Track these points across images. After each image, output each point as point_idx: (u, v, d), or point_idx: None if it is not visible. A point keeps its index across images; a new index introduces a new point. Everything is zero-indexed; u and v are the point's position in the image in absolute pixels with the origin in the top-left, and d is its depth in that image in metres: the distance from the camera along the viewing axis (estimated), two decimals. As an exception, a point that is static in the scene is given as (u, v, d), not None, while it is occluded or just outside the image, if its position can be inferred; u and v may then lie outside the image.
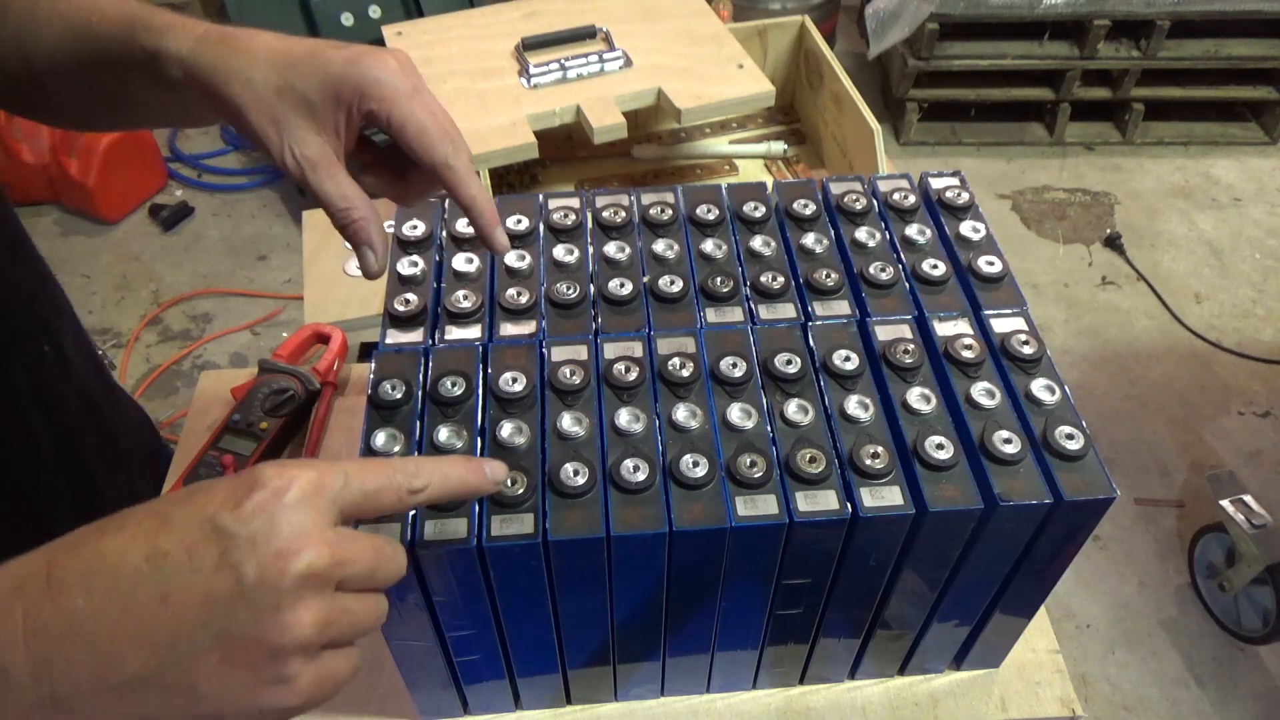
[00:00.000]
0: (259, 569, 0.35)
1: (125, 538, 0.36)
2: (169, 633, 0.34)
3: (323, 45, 0.50)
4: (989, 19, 2.45)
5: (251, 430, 0.82)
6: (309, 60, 0.49)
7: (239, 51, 0.50)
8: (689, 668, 0.64)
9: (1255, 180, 2.61)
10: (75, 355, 0.73)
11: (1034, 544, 0.55)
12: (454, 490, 0.44)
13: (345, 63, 0.48)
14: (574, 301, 0.59)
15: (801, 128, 1.33)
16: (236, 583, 0.34)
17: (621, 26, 1.15)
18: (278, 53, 0.49)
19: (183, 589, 0.34)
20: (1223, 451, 1.99)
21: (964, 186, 0.67)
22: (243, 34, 0.51)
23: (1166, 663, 1.67)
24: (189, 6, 2.80)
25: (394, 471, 0.40)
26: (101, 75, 0.56)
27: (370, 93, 0.48)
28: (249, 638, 0.35)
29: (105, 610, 0.34)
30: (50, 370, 0.69)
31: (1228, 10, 2.42)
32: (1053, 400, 0.55)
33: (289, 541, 0.35)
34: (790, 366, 0.56)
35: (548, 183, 1.26)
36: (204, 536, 0.35)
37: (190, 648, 0.34)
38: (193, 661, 0.34)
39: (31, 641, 0.33)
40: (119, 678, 0.34)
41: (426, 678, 0.61)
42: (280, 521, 0.36)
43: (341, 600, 0.38)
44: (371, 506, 0.40)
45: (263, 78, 0.49)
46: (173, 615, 0.34)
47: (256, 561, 0.35)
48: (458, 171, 0.50)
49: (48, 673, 0.33)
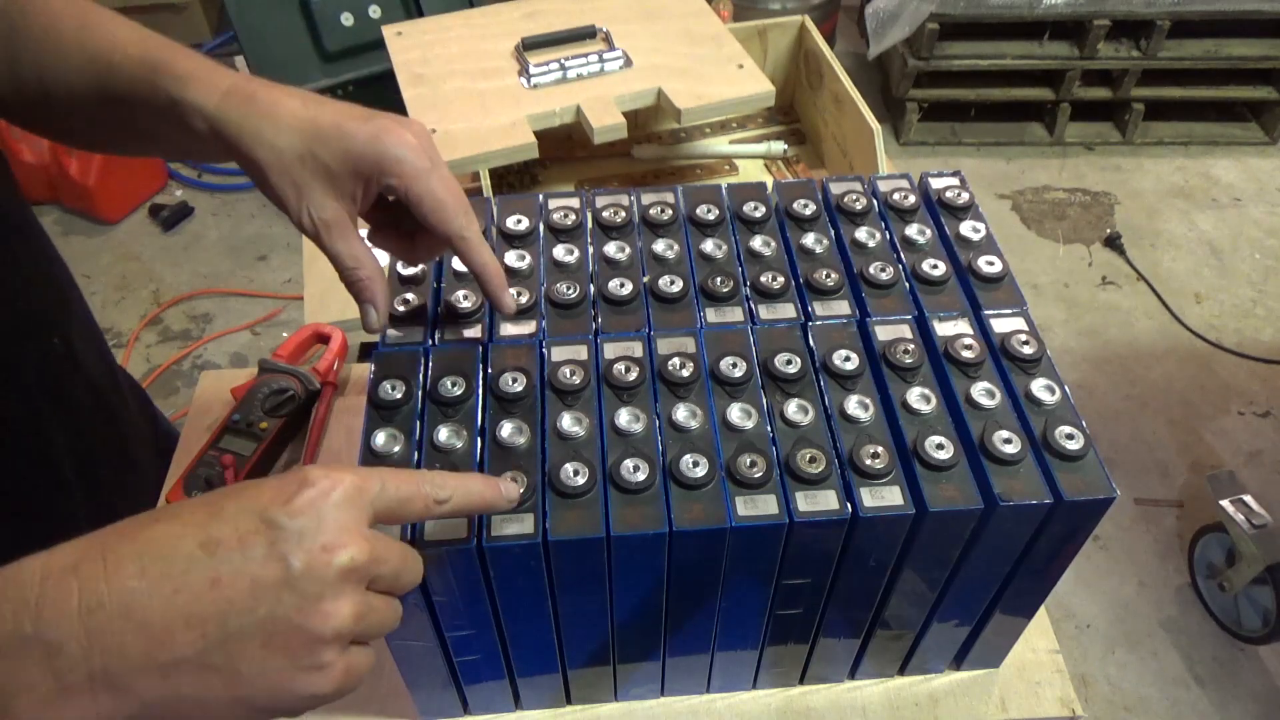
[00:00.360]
0: (306, 560, 0.37)
1: (179, 526, 0.38)
2: (218, 615, 0.36)
3: (346, 115, 0.52)
4: (989, 19, 2.45)
5: (251, 430, 0.82)
6: (333, 132, 0.51)
7: (265, 115, 0.52)
8: (689, 668, 0.64)
9: (1255, 180, 2.61)
10: (84, 349, 0.74)
11: (1034, 544, 0.55)
12: (474, 504, 0.46)
13: (368, 139, 0.51)
14: (574, 301, 0.59)
15: (801, 128, 1.33)
16: (284, 571, 0.37)
17: (621, 26, 1.15)
18: (304, 120, 0.51)
19: (233, 575, 0.36)
20: (1223, 451, 1.99)
21: (964, 186, 0.67)
22: (267, 94, 0.53)
23: (1166, 663, 1.67)
24: (189, 8, 2.80)
25: (423, 482, 0.43)
26: (121, 111, 0.57)
27: (390, 169, 0.51)
28: (292, 624, 0.37)
29: (158, 591, 0.36)
30: (59, 363, 0.70)
31: (1228, 10, 2.42)
32: (1053, 400, 0.55)
33: (334, 537, 0.38)
34: (790, 366, 0.56)
35: (548, 183, 1.26)
36: (255, 528, 0.37)
37: (237, 630, 0.36)
38: (238, 644, 0.36)
39: (86, 618, 0.35)
40: (167, 657, 0.35)
41: (426, 678, 0.61)
42: (327, 518, 0.38)
43: (372, 598, 0.41)
44: (402, 512, 0.43)
45: (287, 144, 0.51)
46: (222, 599, 0.36)
47: (304, 553, 0.37)
48: (471, 242, 0.53)
49: (100, 649, 0.35)
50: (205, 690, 0.37)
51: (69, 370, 0.71)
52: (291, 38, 2.24)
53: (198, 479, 0.79)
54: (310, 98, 0.53)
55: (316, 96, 0.54)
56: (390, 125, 0.51)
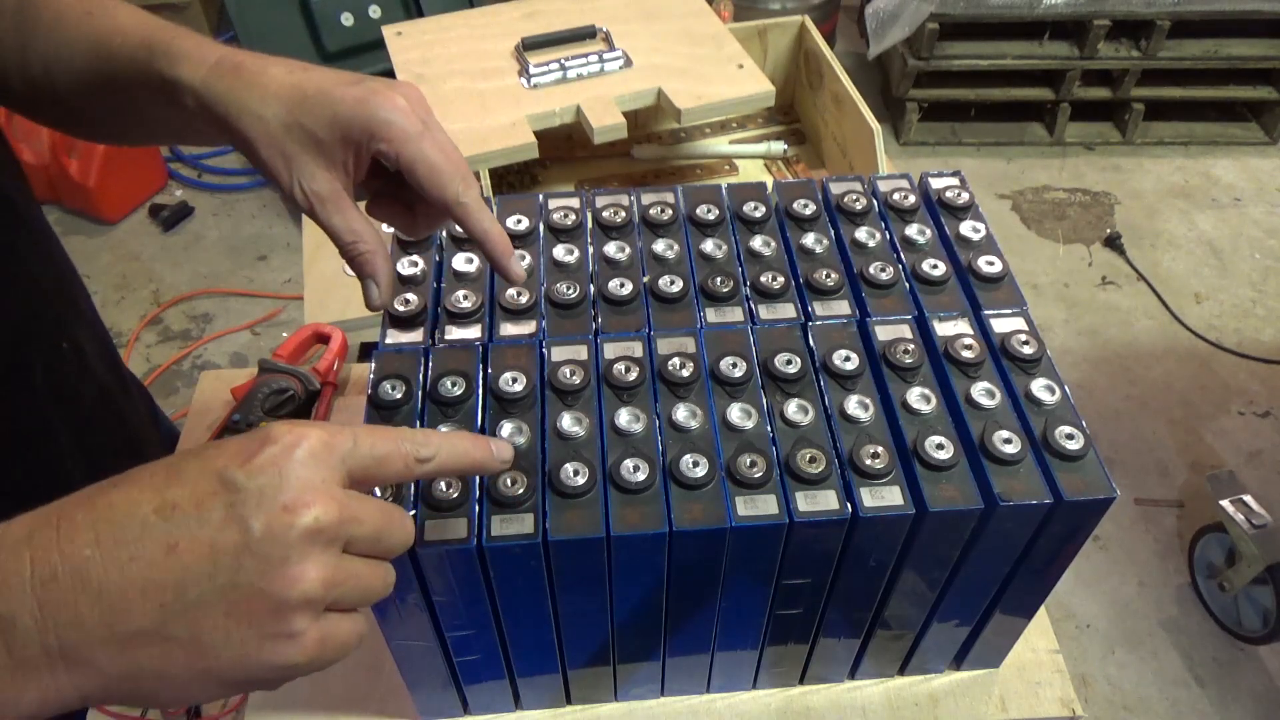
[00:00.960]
0: (266, 522, 0.35)
1: (135, 490, 0.36)
2: (175, 583, 0.34)
3: (333, 81, 0.50)
4: (989, 19, 2.45)
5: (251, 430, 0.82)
6: (319, 98, 0.49)
7: (250, 85, 0.50)
8: (689, 668, 0.64)
9: (1255, 180, 2.61)
10: (93, 351, 0.74)
11: (1034, 544, 0.55)
12: (460, 464, 0.44)
13: (355, 103, 0.49)
14: (574, 301, 0.59)
15: (801, 128, 1.33)
16: (243, 535, 0.35)
17: (621, 26, 1.15)
18: (289, 88, 0.50)
19: (190, 540, 0.34)
20: (1223, 451, 1.99)
21: (964, 186, 0.67)
22: (254, 64, 0.51)
23: (1166, 663, 1.67)
24: (190, 6, 2.80)
25: (403, 439, 0.41)
26: (120, 95, 0.56)
27: (379, 133, 0.49)
28: (254, 590, 0.35)
29: (113, 559, 0.34)
30: (69, 367, 0.70)
31: (1228, 10, 2.42)
32: (1053, 400, 0.55)
33: (297, 495, 0.36)
34: (790, 366, 0.56)
35: (548, 183, 1.26)
36: (213, 489, 0.35)
37: (196, 599, 0.34)
38: (198, 612, 0.34)
39: (40, 590, 0.33)
40: (125, 628, 0.34)
41: (426, 678, 0.61)
42: (289, 476, 0.36)
43: (349, 562, 0.38)
44: (379, 471, 0.40)
45: (273, 113, 0.49)
46: (180, 566, 0.34)
47: (264, 514, 0.35)
48: (469, 208, 0.50)
49: (54, 621, 0.33)
50: (167, 663, 0.35)
51: (77, 373, 0.71)
52: (291, 38, 2.24)
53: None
54: (297, 65, 0.51)
55: (305, 64, 0.52)
56: (378, 88, 0.49)
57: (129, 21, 0.57)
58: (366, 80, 0.50)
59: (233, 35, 2.36)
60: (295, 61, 0.52)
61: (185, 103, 0.52)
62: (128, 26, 0.57)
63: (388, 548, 0.40)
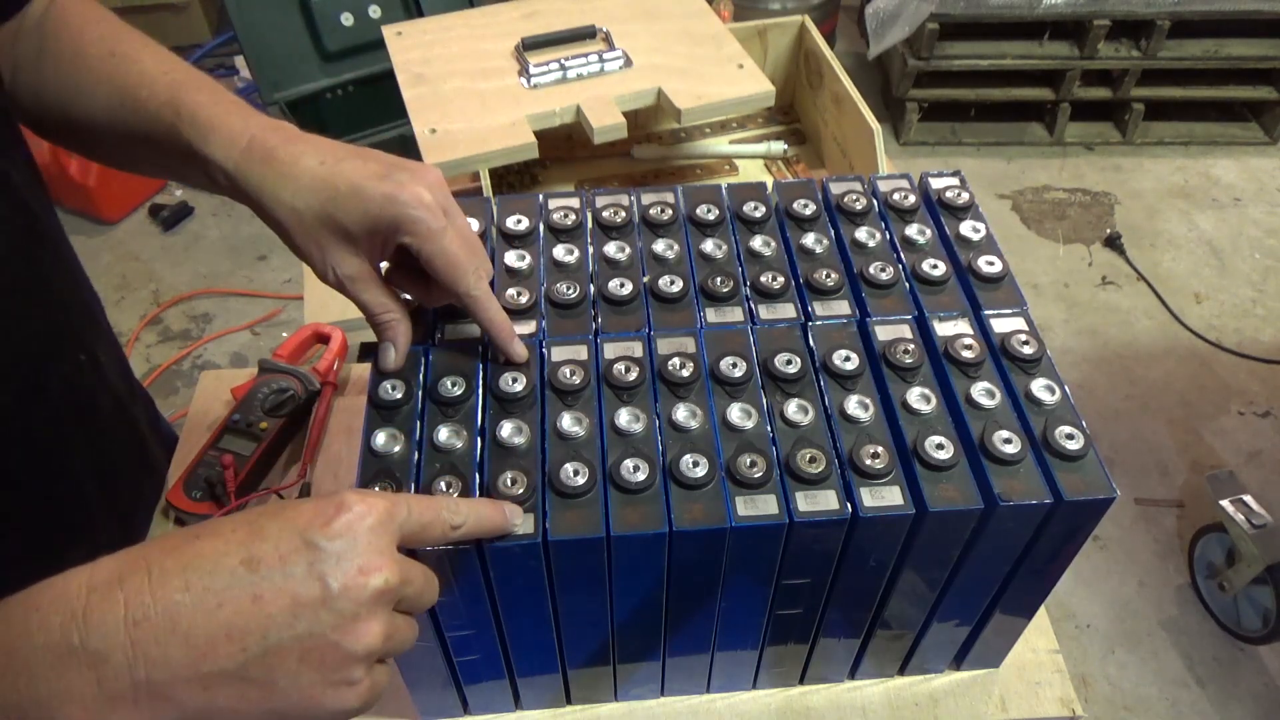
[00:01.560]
0: (344, 581, 0.39)
1: (221, 543, 0.39)
2: (259, 629, 0.37)
3: (363, 175, 0.53)
4: (989, 19, 2.45)
5: (251, 430, 0.82)
6: (351, 195, 0.53)
7: (284, 176, 0.54)
8: (689, 668, 0.64)
9: (1255, 180, 2.61)
10: (108, 361, 0.74)
11: (1034, 544, 0.55)
12: (485, 529, 0.48)
13: (384, 200, 0.52)
14: (574, 301, 0.59)
15: (801, 128, 1.33)
16: (323, 591, 0.38)
17: (621, 26, 1.15)
18: (321, 181, 0.53)
19: (274, 592, 0.38)
20: (1223, 451, 1.99)
21: (964, 186, 0.67)
22: (287, 153, 0.54)
23: (1166, 663, 1.67)
24: (189, 8, 2.80)
25: (442, 509, 0.45)
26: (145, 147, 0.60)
27: (406, 229, 0.52)
28: (328, 641, 0.38)
29: (202, 605, 0.37)
30: (86, 379, 0.70)
31: (1228, 10, 2.42)
32: (1053, 400, 0.55)
33: (369, 560, 0.40)
34: (790, 366, 0.56)
35: (548, 183, 1.26)
36: (295, 548, 0.39)
37: (276, 644, 0.38)
38: (276, 658, 0.38)
39: (132, 630, 0.36)
40: (210, 668, 0.37)
41: (426, 678, 0.61)
42: (361, 542, 0.40)
43: (398, 619, 0.43)
44: (424, 537, 0.45)
45: (305, 205, 0.53)
46: (264, 614, 0.38)
47: (341, 574, 0.39)
48: (479, 300, 0.54)
49: (144, 659, 0.36)
50: (242, 701, 0.38)
51: (93, 384, 0.71)
52: (291, 38, 2.24)
53: (198, 479, 0.78)
54: (329, 152, 0.55)
55: (335, 150, 0.55)
56: (406, 182, 0.52)
57: (154, 69, 0.59)
58: (394, 173, 0.53)
59: (233, 35, 2.36)
60: (325, 146, 0.55)
61: (216, 179, 0.56)
62: (153, 76, 0.59)
63: (423, 605, 0.45)
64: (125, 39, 0.63)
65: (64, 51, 0.61)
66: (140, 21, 3.23)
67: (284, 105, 2.26)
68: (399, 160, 0.55)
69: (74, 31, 0.62)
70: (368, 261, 0.55)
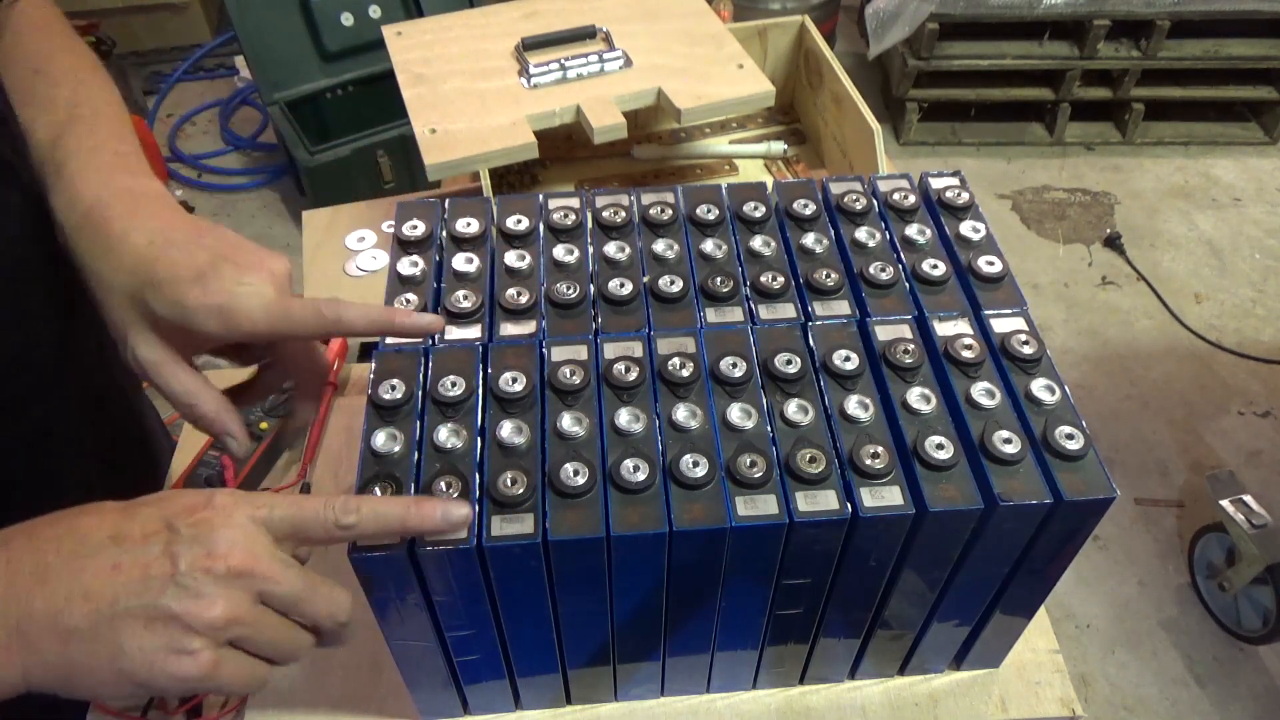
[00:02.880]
0: (191, 561, 0.43)
1: (98, 519, 0.44)
2: (111, 594, 0.42)
3: (188, 271, 0.51)
4: (989, 19, 2.45)
5: (251, 430, 0.82)
6: (168, 288, 0.51)
7: (107, 251, 0.53)
8: (689, 668, 0.64)
9: (1255, 180, 2.61)
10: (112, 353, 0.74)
11: (1034, 544, 0.55)
12: (385, 528, 0.47)
13: (208, 314, 0.51)
14: (574, 301, 0.59)
15: (801, 128, 1.33)
16: (172, 567, 0.42)
17: (621, 26, 1.15)
18: (143, 264, 0.52)
19: (131, 563, 0.42)
20: (1223, 451, 1.99)
21: (964, 186, 0.67)
22: (119, 226, 0.53)
23: (1166, 663, 1.67)
24: (189, 7, 2.80)
25: (327, 506, 0.47)
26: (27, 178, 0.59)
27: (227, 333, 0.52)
28: (170, 612, 0.42)
29: (68, 567, 0.42)
30: (97, 370, 0.70)
31: (1228, 10, 2.42)
32: (1053, 400, 0.55)
33: (220, 547, 0.43)
34: (790, 366, 0.56)
35: (548, 183, 1.26)
36: (157, 530, 0.43)
37: (124, 610, 0.42)
38: (124, 621, 0.42)
39: (10, 583, 0.41)
40: (66, 623, 0.41)
41: (426, 678, 0.61)
42: (219, 533, 0.44)
43: (263, 613, 0.45)
44: (304, 534, 0.47)
45: (120, 284, 0.53)
46: (117, 582, 0.42)
47: (192, 556, 0.43)
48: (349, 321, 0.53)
49: (16, 609, 0.41)
50: (92, 658, 0.42)
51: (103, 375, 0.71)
52: (291, 38, 2.24)
53: (198, 479, 0.78)
54: (162, 232, 0.53)
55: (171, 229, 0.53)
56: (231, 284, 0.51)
57: (65, 98, 0.59)
58: (223, 272, 0.51)
59: (233, 35, 2.36)
60: (166, 222, 0.54)
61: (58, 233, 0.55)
62: (57, 107, 0.58)
63: (307, 613, 0.47)
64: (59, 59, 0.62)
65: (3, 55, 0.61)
66: (140, 21, 3.21)
67: (284, 105, 2.26)
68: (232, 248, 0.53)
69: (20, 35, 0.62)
70: (174, 348, 0.54)
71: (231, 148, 2.70)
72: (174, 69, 2.79)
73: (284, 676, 0.68)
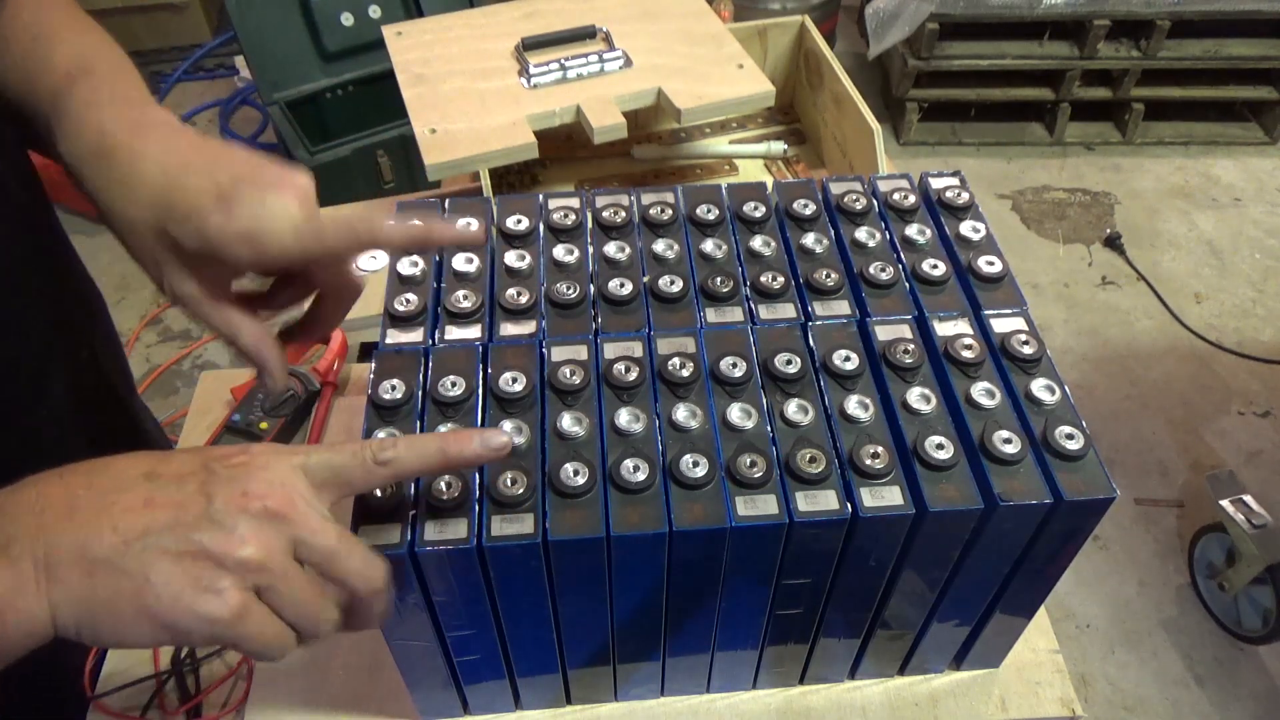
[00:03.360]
0: (226, 500, 0.42)
1: (133, 461, 0.44)
2: (142, 527, 0.41)
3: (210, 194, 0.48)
4: (989, 19, 2.45)
5: (251, 430, 0.82)
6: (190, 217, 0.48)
7: (119, 182, 0.50)
8: (689, 668, 0.64)
9: (1255, 180, 2.61)
10: (105, 356, 0.74)
11: (1034, 544, 0.55)
12: (429, 459, 0.46)
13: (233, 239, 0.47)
14: (574, 301, 0.59)
15: (801, 128, 1.33)
16: (206, 505, 0.41)
17: (621, 26, 1.15)
18: (159, 193, 0.49)
19: (163, 499, 0.42)
20: (1223, 451, 1.99)
21: (964, 186, 0.67)
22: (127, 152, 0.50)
23: (1166, 663, 1.67)
24: (189, 7, 2.80)
25: (363, 447, 0.45)
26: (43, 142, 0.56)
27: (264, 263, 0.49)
28: (201, 547, 0.41)
29: (98, 501, 0.41)
30: (86, 374, 0.69)
31: (1228, 10, 2.42)
32: (1053, 400, 0.55)
33: (257, 487, 0.42)
34: (790, 366, 0.56)
35: (548, 183, 1.26)
36: (193, 470, 0.43)
37: (154, 543, 0.41)
38: (152, 554, 0.40)
39: (37, 517, 0.41)
40: (93, 554, 0.40)
41: (426, 678, 0.61)
42: (255, 474, 0.43)
43: (291, 565, 0.43)
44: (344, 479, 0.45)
45: (141, 220, 0.50)
46: (149, 516, 0.41)
47: (226, 494, 0.42)
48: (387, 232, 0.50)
49: (43, 541, 0.40)
50: (117, 593, 0.40)
51: (94, 380, 0.71)
52: (291, 38, 2.24)
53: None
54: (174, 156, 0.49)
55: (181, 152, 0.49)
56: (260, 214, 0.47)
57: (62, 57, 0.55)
58: (244, 195, 0.48)
59: (233, 35, 2.36)
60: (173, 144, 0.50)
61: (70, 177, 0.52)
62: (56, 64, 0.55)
63: (342, 573, 0.44)
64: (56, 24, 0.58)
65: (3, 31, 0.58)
66: (140, 21, 3.21)
67: (284, 105, 2.26)
68: (251, 168, 0.49)
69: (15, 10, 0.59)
70: (210, 279, 0.51)
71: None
72: (174, 69, 2.79)
73: (284, 676, 0.68)
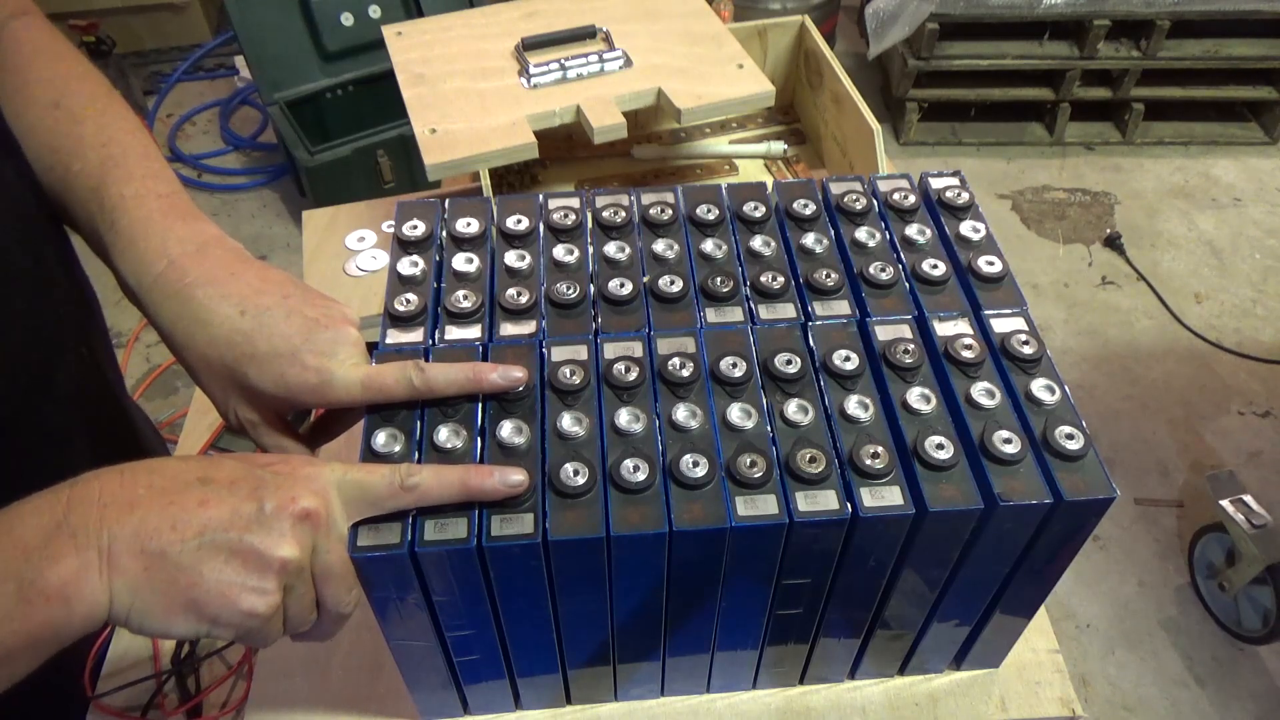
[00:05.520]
0: (276, 503, 0.46)
1: (185, 464, 0.47)
2: (198, 526, 0.44)
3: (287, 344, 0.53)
4: (989, 19, 2.45)
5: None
6: (269, 360, 0.53)
7: (198, 321, 0.54)
8: (689, 668, 0.64)
9: (1255, 180, 2.61)
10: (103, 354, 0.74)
11: (1034, 544, 0.55)
12: (451, 488, 0.49)
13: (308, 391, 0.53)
14: (574, 301, 0.59)
15: (801, 128, 1.33)
16: (259, 508, 0.46)
17: (621, 26, 1.15)
18: (239, 335, 0.54)
19: (219, 502, 0.45)
20: (1223, 451, 1.99)
21: (964, 186, 0.67)
22: (203, 294, 0.54)
23: (1166, 663, 1.67)
24: (189, 7, 2.80)
25: (394, 471, 0.49)
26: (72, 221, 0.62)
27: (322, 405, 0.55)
28: (252, 548, 0.45)
29: (158, 501, 0.45)
30: (86, 372, 0.70)
31: (1228, 10, 2.42)
32: (1053, 400, 0.55)
33: (300, 492, 0.47)
34: (790, 366, 0.56)
35: (548, 183, 1.26)
36: (244, 475, 0.47)
37: (210, 541, 0.44)
38: (207, 552, 0.44)
39: (101, 510, 0.44)
40: (151, 547, 0.43)
41: (426, 678, 0.61)
42: (301, 482, 0.47)
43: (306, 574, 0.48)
44: (370, 495, 0.49)
45: (217, 358, 0.54)
46: (206, 515, 0.45)
47: (276, 499, 0.46)
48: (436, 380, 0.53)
49: (107, 532, 0.43)
50: (170, 585, 0.44)
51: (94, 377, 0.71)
52: (291, 38, 2.24)
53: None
54: (250, 297, 0.54)
55: (256, 293, 0.54)
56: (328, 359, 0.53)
57: (93, 136, 0.60)
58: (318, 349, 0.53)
59: (233, 35, 2.36)
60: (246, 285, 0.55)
61: (129, 290, 0.57)
62: (89, 147, 0.59)
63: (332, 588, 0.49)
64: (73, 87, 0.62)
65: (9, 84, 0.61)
66: (140, 21, 3.22)
67: (284, 105, 2.26)
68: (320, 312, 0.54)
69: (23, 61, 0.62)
70: (268, 410, 0.56)
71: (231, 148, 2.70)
72: (174, 69, 2.80)
73: (284, 676, 0.68)
